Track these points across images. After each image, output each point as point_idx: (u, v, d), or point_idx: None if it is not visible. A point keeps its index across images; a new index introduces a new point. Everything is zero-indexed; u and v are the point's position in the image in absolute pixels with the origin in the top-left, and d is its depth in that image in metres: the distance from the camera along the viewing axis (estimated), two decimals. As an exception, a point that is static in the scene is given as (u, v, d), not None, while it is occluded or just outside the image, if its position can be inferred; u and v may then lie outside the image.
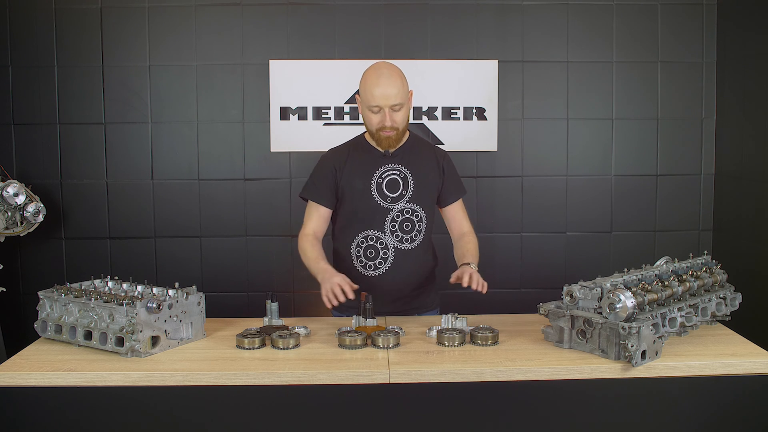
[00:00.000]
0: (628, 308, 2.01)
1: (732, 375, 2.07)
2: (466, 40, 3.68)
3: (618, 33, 3.70)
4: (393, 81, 2.49)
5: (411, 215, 2.63)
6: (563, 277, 2.66)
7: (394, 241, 2.62)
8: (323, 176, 2.67)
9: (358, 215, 2.64)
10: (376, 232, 2.62)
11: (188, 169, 3.72)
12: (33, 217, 3.36)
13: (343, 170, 2.64)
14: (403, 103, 2.52)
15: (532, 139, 3.74)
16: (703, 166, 3.77)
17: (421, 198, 2.63)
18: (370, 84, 2.50)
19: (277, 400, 2.03)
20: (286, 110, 3.69)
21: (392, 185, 2.62)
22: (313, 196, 2.67)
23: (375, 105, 2.50)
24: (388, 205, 2.62)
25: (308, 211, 2.69)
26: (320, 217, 2.67)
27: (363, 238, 2.63)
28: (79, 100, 3.66)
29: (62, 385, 2.01)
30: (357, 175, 2.63)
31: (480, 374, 2.04)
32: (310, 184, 2.70)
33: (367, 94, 2.51)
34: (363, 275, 2.63)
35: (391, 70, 2.52)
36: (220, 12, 3.65)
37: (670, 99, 3.73)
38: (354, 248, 2.64)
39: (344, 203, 2.66)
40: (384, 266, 2.63)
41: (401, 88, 2.50)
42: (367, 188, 2.62)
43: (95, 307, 2.18)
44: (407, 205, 2.62)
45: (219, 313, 2.65)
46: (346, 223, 2.68)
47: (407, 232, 2.63)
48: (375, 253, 2.63)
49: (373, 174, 2.63)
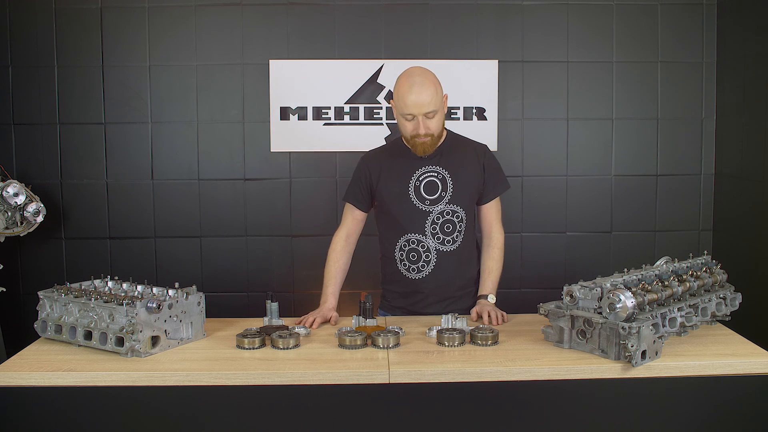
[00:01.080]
0: (628, 308, 2.01)
1: (732, 375, 2.06)
2: (466, 40, 3.68)
3: (618, 33, 3.70)
4: (426, 88, 2.44)
5: (452, 216, 2.61)
6: (563, 277, 2.66)
7: (435, 243, 2.60)
8: (357, 180, 2.69)
9: (398, 219, 2.63)
10: (417, 235, 2.61)
11: (188, 169, 3.72)
12: (33, 217, 3.36)
13: (380, 174, 2.64)
14: (437, 110, 2.48)
15: (532, 139, 3.74)
16: (703, 166, 3.77)
17: (461, 198, 2.61)
18: (403, 92, 2.46)
19: (277, 400, 2.03)
20: (286, 110, 3.69)
21: (430, 187, 2.60)
22: (349, 198, 2.71)
23: (408, 113, 2.47)
24: (427, 208, 2.60)
25: (345, 213, 2.74)
26: (354, 219, 2.71)
27: (405, 241, 2.63)
28: (79, 100, 3.66)
29: (62, 385, 2.01)
30: (394, 178, 2.62)
31: (480, 374, 2.03)
32: (349, 186, 2.73)
33: (400, 101, 2.48)
34: (408, 278, 2.65)
35: (424, 76, 2.47)
36: (220, 12, 3.65)
37: (670, 99, 3.73)
38: (398, 252, 2.65)
39: (384, 208, 2.66)
40: (427, 269, 2.62)
41: (435, 95, 2.45)
42: (404, 192, 2.60)
43: (95, 307, 2.18)
44: (447, 207, 2.60)
45: (219, 313, 2.65)
46: (389, 227, 2.68)
47: (448, 234, 2.61)
48: (417, 256, 2.62)
49: (411, 177, 2.61)
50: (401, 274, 2.65)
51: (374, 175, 2.65)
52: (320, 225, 3.71)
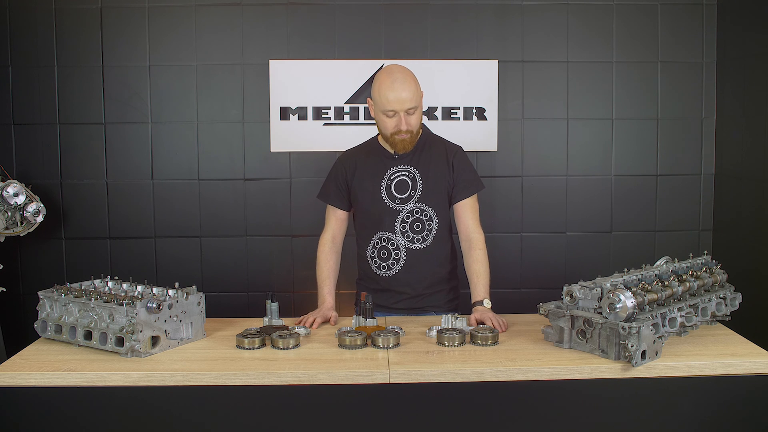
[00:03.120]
0: (628, 308, 2.01)
1: (732, 375, 2.07)
2: (466, 40, 3.68)
3: (618, 33, 3.70)
4: (407, 85, 2.48)
5: (420, 215, 2.62)
6: (563, 277, 2.66)
7: (405, 241, 2.63)
8: (335, 179, 2.71)
9: (371, 217, 2.66)
10: (388, 234, 2.64)
11: (188, 169, 3.72)
12: (33, 217, 3.36)
13: (354, 173, 2.67)
14: (417, 106, 2.52)
15: (532, 139, 3.74)
16: (703, 166, 3.77)
17: (429, 198, 2.63)
18: (385, 88, 2.49)
19: (277, 400, 2.03)
20: (286, 110, 3.69)
21: (401, 186, 2.63)
22: (328, 199, 2.72)
23: (390, 109, 2.50)
24: (397, 207, 2.62)
25: (327, 214, 2.75)
26: (337, 220, 2.73)
27: (377, 239, 2.66)
28: (79, 100, 3.66)
29: (62, 385, 2.01)
30: (367, 177, 2.65)
31: (480, 374, 2.04)
32: (325, 187, 2.74)
33: (382, 98, 2.50)
34: (379, 276, 2.67)
35: (404, 73, 2.51)
36: (220, 12, 3.65)
37: (670, 99, 3.73)
38: (370, 249, 2.68)
39: (358, 206, 2.69)
40: (396, 267, 2.64)
41: (415, 92, 2.50)
42: (377, 190, 2.63)
43: (95, 307, 2.18)
44: (417, 206, 2.62)
45: (219, 313, 2.65)
46: (363, 225, 2.71)
47: (418, 233, 2.63)
48: (387, 254, 2.64)
49: (383, 176, 2.64)
50: (372, 272, 2.68)
51: (350, 173, 2.68)
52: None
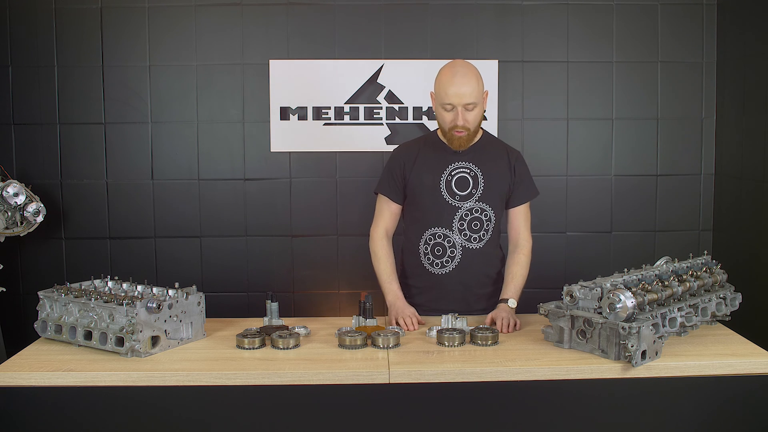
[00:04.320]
0: (628, 308, 2.01)
1: (732, 375, 2.07)
2: (466, 40, 3.68)
3: (618, 33, 3.70)
4: (468, 80, 2.47)
5: (480, 214, 2.61)
6: (563, 277, 2.66)
7: (462, 239, 2.61)
8: (392, 171, 2.67)
9: (427, 212, 2.63)
10: (444, 230, 2.61)
11: (188, 169, 3.71)
12: (33, 217, 3.36)
13: (413, 166, 2.64)
14: (476, 103, 2.50)
15: (532, 139, 3.74)
16: (703, 166, 3.77)
17: (490, 197, 2.61)
18: (445, 81, 2.49)
19: (277, 400, 2.03)
20: (286, 110, 3.69)
21: (462, 183, 2.60)
22: (384, 191, 2.68)
23: (448, 103, 2.49)
24: (456, 203, 2.60)
25: (379, 206, 2.71)
26: (391, 213, 2.69)
27: (431, 235, 2.62)
28: (79, 100, 3.65)
29: (62, 385, 2.01)
30: (426, 171, 2.62)
31: (480, 374, 2.04)
32: (383, 179, 2.70)
33: (441, 91, 2.50)
34: (430, 273, 2.64)
35: (467, 68, 2.51)
36: (220, 12, 3.65)
37: (670, 99, 3.73)
38: (422, 245, 2.64)
39: (413, 199, 2.65)
40: (451, 264, 2.62)
41: (476, 88, 2.48)
42: (436, 185, 2.61)
43: (95, 307, 2.18)
44: (476, 204, 2.61)
45: (219, 313, 2.65)
46: (415, 220, 2.67)
47: (475, 231, 2.61)
48: (443, 250, 2.62)
49: (443, 171, 2.61)
50: (424, 268, 2.65)
51: (408, 165, 2.64)
52: (320, 225, 3.71)
